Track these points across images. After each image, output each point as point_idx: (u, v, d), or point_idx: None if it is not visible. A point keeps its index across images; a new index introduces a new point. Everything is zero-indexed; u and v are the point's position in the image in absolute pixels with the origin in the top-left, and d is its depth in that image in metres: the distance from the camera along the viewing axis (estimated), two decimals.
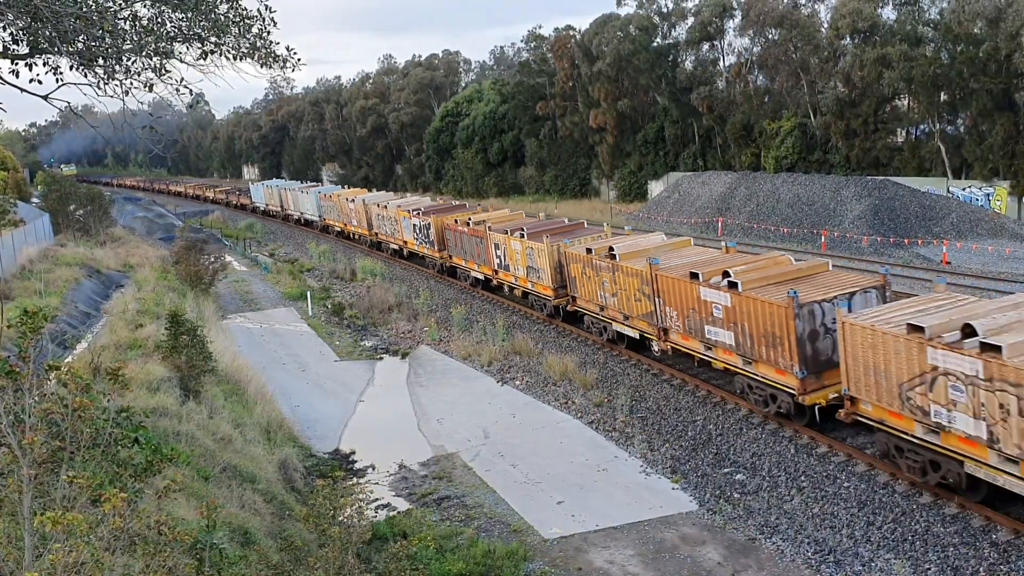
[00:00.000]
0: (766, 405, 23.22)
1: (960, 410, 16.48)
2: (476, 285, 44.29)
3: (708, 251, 29.99)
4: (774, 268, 24.29)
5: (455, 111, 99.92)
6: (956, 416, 16.62)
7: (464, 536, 19.53)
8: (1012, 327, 16.46)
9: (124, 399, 16.95)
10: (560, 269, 33.90)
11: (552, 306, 35.26)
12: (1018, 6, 45.54)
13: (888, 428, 18.70)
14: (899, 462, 18.94)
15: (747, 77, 67.87)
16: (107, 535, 8.75)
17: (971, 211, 49.68)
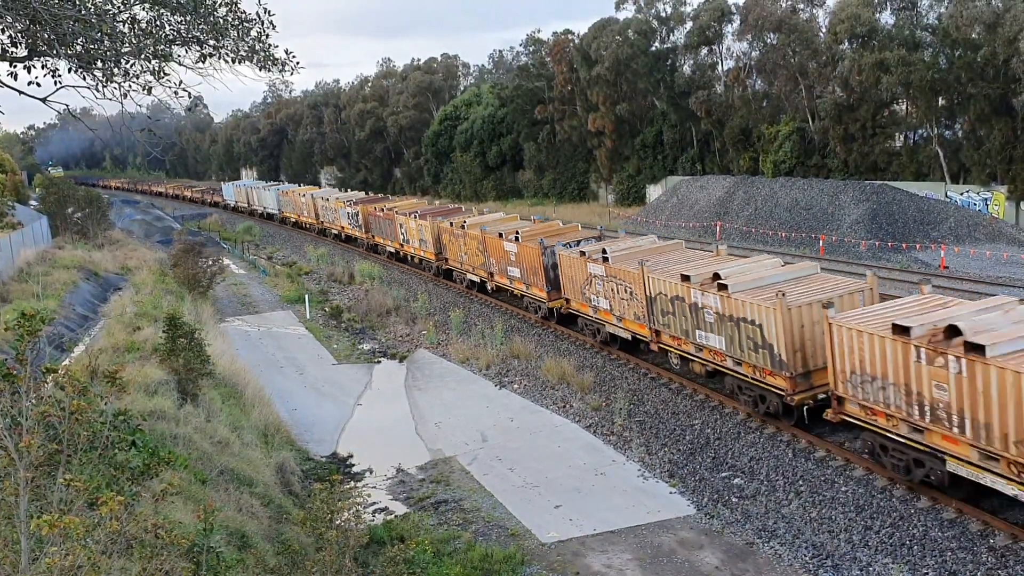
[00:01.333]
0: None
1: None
2: (391, 257, 57.52)
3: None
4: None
5: (454, 115, 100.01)
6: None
7: (461, 540, 19.51)
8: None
9: (121, 402, 16.92)
10: (438, 240, 47.97)
11: (435, 267, 49.34)
12: (1016, 11, 45.62)
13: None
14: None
15: (745, 81, 67.95)
16: (104, 538, 8.73)
17: (969, 216, 49.74)
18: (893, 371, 17.82)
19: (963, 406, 16.36)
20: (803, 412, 22.04)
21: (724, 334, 23.72)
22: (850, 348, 18.91)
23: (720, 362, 24.51)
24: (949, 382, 16.55)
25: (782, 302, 21.34)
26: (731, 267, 25.32)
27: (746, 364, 23.17)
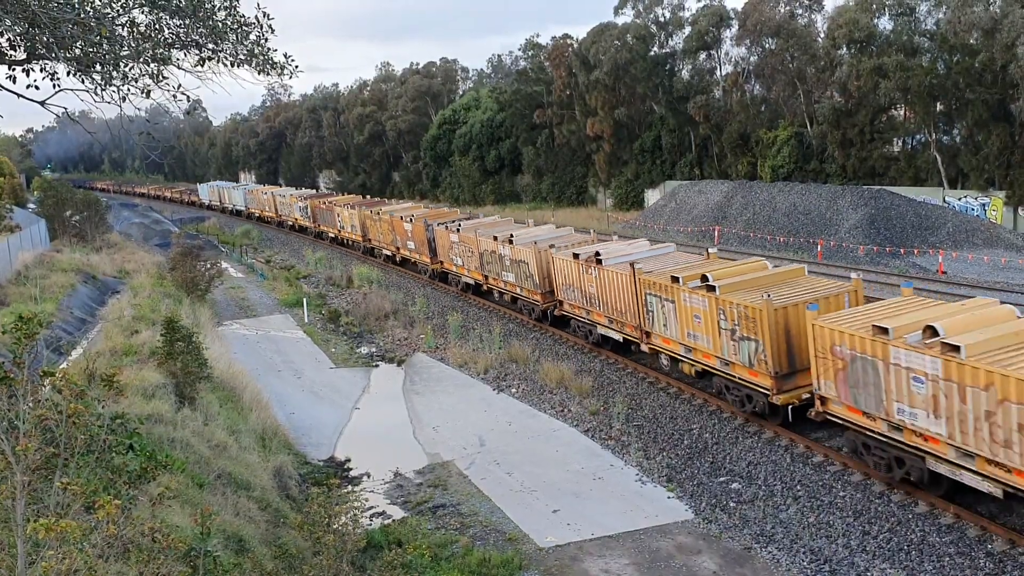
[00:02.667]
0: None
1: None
2: (333, 242, 69.47)
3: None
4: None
5: (452, 119, 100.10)
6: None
7: (459, 544, 19.49)
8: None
9: (119, 405, 16.89)
10: (364, 225, 61.14)
11: (362, 247, 62.05)
12: (1013, 17, 45.73)
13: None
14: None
15: (744, 86, 68.07)
16: (101, 542, 8.72)
17: (967, 221, 49.80)
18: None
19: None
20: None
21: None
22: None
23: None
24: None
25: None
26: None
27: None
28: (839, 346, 19.52)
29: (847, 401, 19.77)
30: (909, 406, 17.87)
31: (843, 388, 19.76)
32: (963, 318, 18.09)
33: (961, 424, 16.68)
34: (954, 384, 16.58)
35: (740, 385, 24.12)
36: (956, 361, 16.43)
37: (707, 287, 24.67)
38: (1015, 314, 18.60)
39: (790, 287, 24.01)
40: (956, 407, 16.68)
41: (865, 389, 19.06)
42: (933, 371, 16.98)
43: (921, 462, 18.12)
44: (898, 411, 18.22)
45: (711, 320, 24.53)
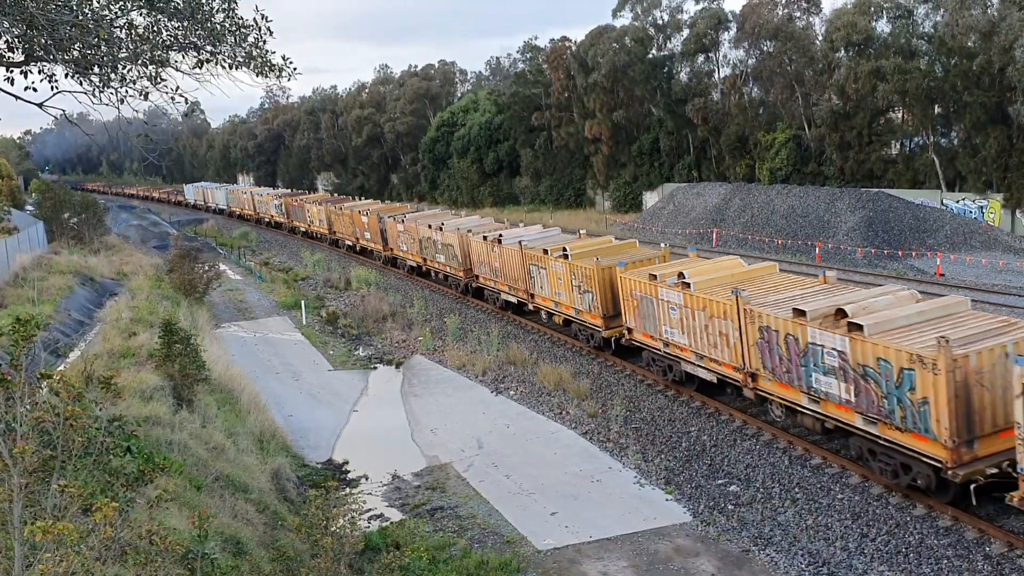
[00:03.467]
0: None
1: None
2: (306, 236, 76.08)
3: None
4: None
5: (451, 121, 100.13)
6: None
7: (457, 547, 19.47)
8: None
9: (116, 408, 16.87)
10: (329, 219, 68.47)
11: (328, 239, 69.09)
12: (1011, 20, 45.79)
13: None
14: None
15: (742, 89, 68.14)
16: (98, 545, 8.70)
17: (965, 223, 49.85)
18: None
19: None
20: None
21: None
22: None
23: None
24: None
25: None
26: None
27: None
28: (634, 291, 28.12)
29: (641, 329, 28.45)
30: (669, 327, 26.53)
31: (638, 320, 28.39)
32: (705, 269, 26.90)
33: (695, 336, 25.28)
34: (689, 309, 25.25)
35: (585, 327, 32.52)
36: (688, 293, 25.18)
37: (564, 256, 33.06)
38: (741, 265, 27.25)
39: (619, 255, 32.00)
40: (691, 325, 25.34)
41: (648, 319, 27.71)
42: (679, 302, 25.65)
43: (679, 365, 26.72)
44: (665, 332, 26.89)
45: (567, 280, 32.76)
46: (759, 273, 26.10)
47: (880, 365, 18.37)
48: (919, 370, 17.29)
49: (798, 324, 20.65)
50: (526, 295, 36.87)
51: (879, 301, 20.34)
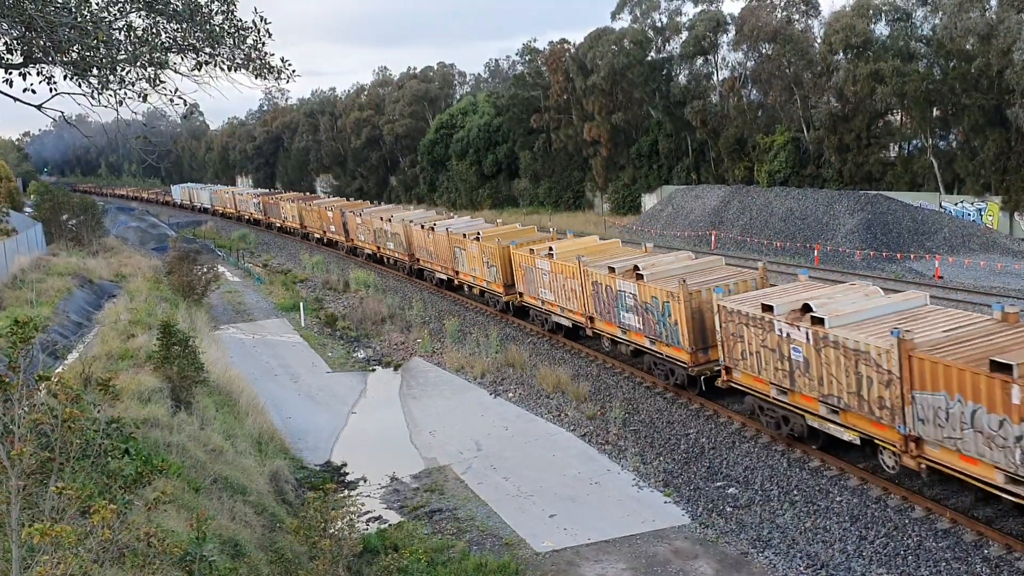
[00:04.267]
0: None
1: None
2: (282, 231, 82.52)
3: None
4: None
5: (450, 123, 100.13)
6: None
7: (455, 549, 19.46)
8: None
9: (115, 410, 16.88)
10: (301, 215, 75.66)
11: (300, 233, 76.68)
12: (1009, 23, 45.86)
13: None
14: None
15: (740, 91, 68.18)
16: (96, 547, 8.70)
17: (963, 226, 49.89)
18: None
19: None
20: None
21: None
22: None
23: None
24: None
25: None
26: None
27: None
28: (521, 263, 35.57)
29: (528, 293, 36.00)
30: (544, 289, 34.08)
31: (525, 285, 36.03)
32: (568, 243, 35.02)
33: (558, 293, 33.08)
34: (553, 273, 32.90)
35: (493, 294, 39.96)
36: (552, 260, 32.59)
37: (476, 238, 40.51)
38: (596, 240, 35.30)
39: (518, 237, 39.10)
40: (556, 285, 33.03)
41: (531, 284, 35.26)
42: (548, 268, 33.12)
43: (550, 317, 34.68)
44: (541, 293, 34.38)
45: (480, 258, 40.05)
46: (606, 247, 34.44)
47: (653, 301, 26.77)
48: (672, 302, 25.79)
49: (611, 277, 29.14)
50: (453, 272, 44.76)
51: (664, 259, 29.37)
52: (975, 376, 15.97)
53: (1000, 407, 15.52)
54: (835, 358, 19.57)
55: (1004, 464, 15.75)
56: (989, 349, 16.53)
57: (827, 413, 20.47)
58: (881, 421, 18.66)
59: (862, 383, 18.91)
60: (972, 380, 16.04)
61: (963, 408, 16.36)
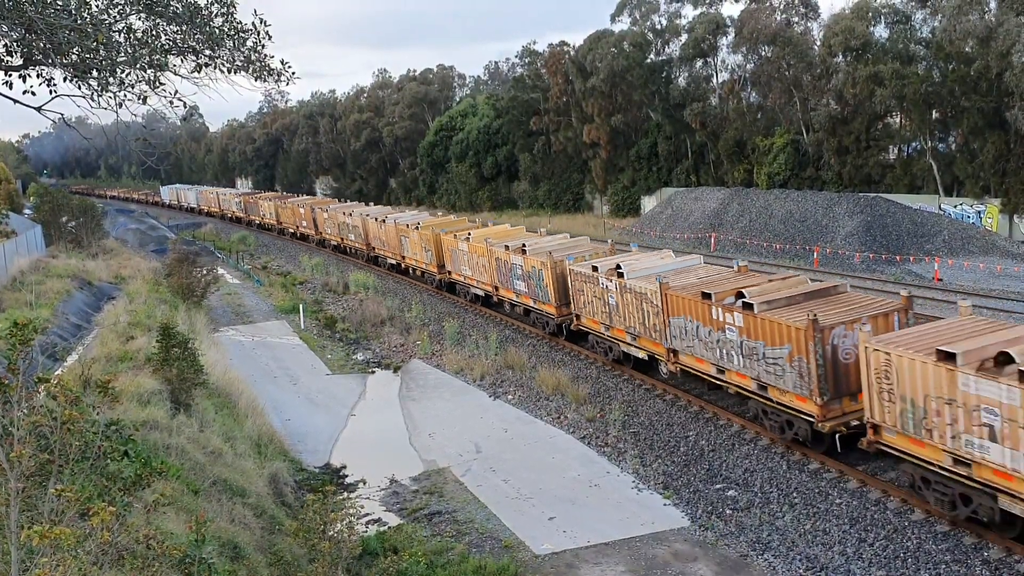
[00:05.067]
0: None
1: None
2: (259, 227, 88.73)
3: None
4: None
5: (449, 125, 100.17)
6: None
7: (455, 552, 19.45)
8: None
9: (114, 412, 16.87)
10: (278, 213, 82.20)
11: (277, 229, 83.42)
12: (1008, 25, 45.88)
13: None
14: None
15: (740, 94, 68.19)
16: (95, 549, 8.69)
17: (962, 228, 49.90)
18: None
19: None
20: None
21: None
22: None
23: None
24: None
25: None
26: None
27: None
28: (449, 247, 44.14)
29: (455, 271, 44.45)
30: (465, 267, 42.33)
31: (453, 265, 44.41)
32: (484, 230, 44.18)
33: (475, 269, 41.26)
34: (470, 254, 41.32)
35: (429, 274, 48.24)
36: (469, 243, 41.06)
37: (416, 227, 49.14)
38: (507, 227, 44.72)
39: (449, 227, 48.04)
40: (473, 263, 41.21)
41: (456, 263, 43.91)
42: (467, 250, 41.64)
43: (469, 290, 42.96)
44: (463, 270, 43.00)
45: (420, 245, 48.68)
46: (512, 232, 43.32)
47: (533, 270, 34.77)
48: (544, 270, 33.86)
49: (507, 254, 37.18)
50: (400, 257, 53.32)
51: (544, 240, 38.38)
52: (696, 303, 24.41)
53: (709, 322, 23.90)
54: (631, 300, 28.05)
55: (713, 360, 24.23)
56: (710, 287, 24.77)
57: (630, 340, 28.96)
58: (657, 341, 27.11)
59: (646, 316, 27.34)
60: (695, 306, 24.52)
61: (692, 325, 24.78)
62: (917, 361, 17.10)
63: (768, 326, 21.59)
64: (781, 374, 21.42)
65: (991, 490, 16.28)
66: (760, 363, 22.14)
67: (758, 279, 25.67)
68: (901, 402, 17.67)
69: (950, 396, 16.51)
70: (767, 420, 23.02)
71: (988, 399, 15.67)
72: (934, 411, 16.91)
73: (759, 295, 22.73)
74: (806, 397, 20.78)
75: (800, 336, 20.43)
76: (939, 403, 16.73)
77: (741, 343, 22.76)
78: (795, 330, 20.60)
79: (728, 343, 23.30)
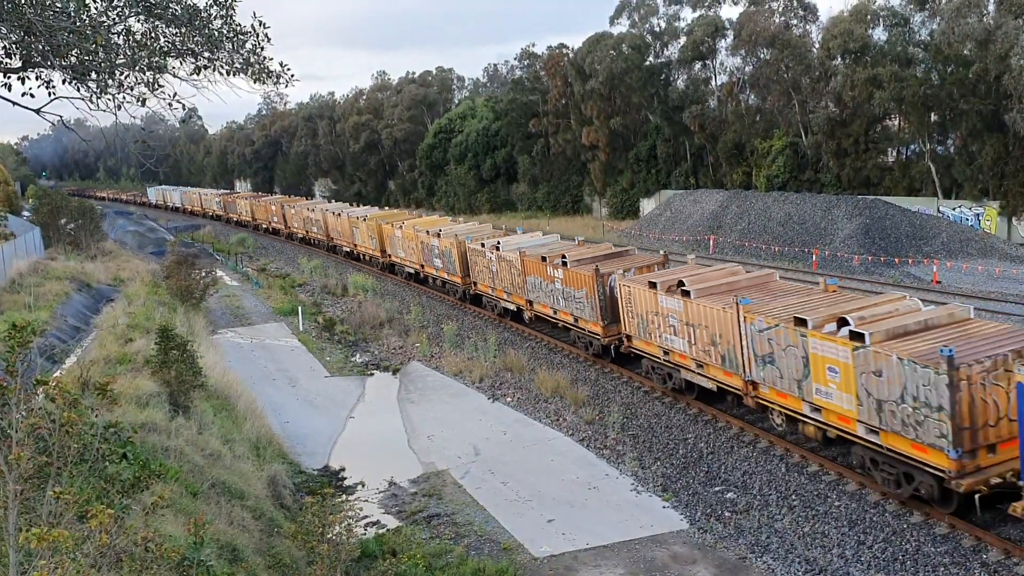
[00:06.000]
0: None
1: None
2: (237, 224, 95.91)
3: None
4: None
5: (448, 127, 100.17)
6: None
7: (454, 554, 19.43)
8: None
9: (112, 414, 16.85)
10: (253, 210, 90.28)
11: (252, 225, 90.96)
12: (1007, 28, 45.93)
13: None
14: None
15: (739, 96, 68.24)
16: (93, 552, 8.68)
17: (961, 231, 49.93)
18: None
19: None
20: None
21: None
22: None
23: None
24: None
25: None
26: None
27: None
28: (387, 235, 53.59)
29: (394, 255, 53.70)
30: (400, 250, 51.97)
31: (392, 250, 53.52)
32: (450, 227, 47.79)
33: (408, 253, 50.79)
34: (405, 239, 50.37)
35: (378, 259, 56.54)
36: (403, 230, 50.64)
37: (364, 219, 58.23)
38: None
39: (394, 219, 55.95)
40: (406, 247, 50.61)
41: (395, 248, 52.91)
42: (401, 236, 51.18)
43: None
44: (399, 253, 52.55)
45: (368, 234, 57.77)
46: (437, 221, 52.69)
47: (447, 250, 44.40)
48: (452, 249, 43.31)
49: (428, 237, 46.77)
50: (353, 245, 62.30)
51: (458, 226, 48.42)
52: (539, 265, 34.53)
53: (547, 278, 34.04)
54: (505, 267, 37.78)
55: (551, 305, 34.22)
56: (548, 254, 34.88)
57: (507, 297, 38.50)
58: (520, 296, 36.94)
59: (514, 278, 37.01)
60: (539, 267, 34.59)
61: (538, 281, 34.86)
62: (640, 289, 27.53)
63: (575, 276, 31.81)
64: (583, 308, 31.61)
65: (679, 367, 26.44)
66: (573, 302, 32.39)
67: (584, 247, 36.49)
68: (637, 317, 27.97)
69: (656, 310, 26.66)
70: (580, 343, 33.34)
71: (671, 309, 25.89)
72: (651, 321, 27.12)
73: (575, 256, 33.50)
74: (596, 322, 30.92)
75: (591, 281, 30.52)
76: (652, 315, 26.97)
77: (563, 290, 32.95)
78: (588, 277, 30.77)
79: (557, 291, 33.56)
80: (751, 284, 25.82)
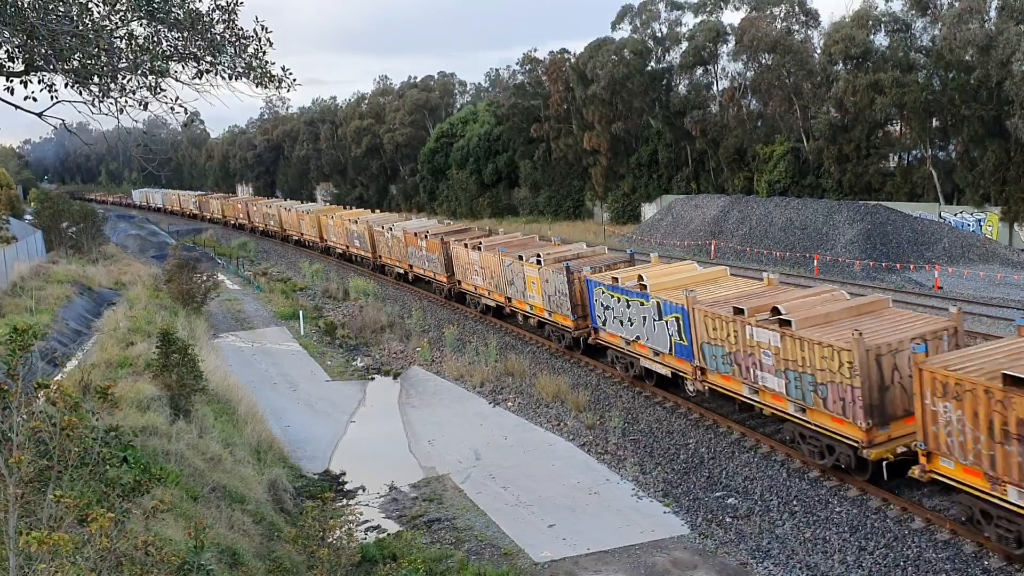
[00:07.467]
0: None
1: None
2: (210, 221, 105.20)
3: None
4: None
5: (450, 132, 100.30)
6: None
7: (454, 559, 19.40)
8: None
9: (113, 418, 16.86)
10: (223, 210, 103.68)
11: (223, 222, 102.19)
12: (1008, 34, 45.98)
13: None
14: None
15: (740, 101, 68.32)
16: (93, 556, 8.67)
17: (962, 236, 49.93)
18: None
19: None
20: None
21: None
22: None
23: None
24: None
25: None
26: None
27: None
28: (325, 224, 68.61)
29: (328, 240, 68.36)
30: (334, 237, 67.70)
31: (327, 236, 68.65)
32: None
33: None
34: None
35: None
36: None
37: (308, 213, 70.99)
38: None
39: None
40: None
41: (331, 236, 68.37)
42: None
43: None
44: (385, 254, 57.01)
45: (310, 225, 70.73)
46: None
47: (363, 235, 58.76)
48: (365, 233, 58.57)
49: (358, 226, 59.61)
50: (300, 234, 74.59)
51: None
52: (414, 238, 48.84)
53: (419, 247, 48.73)
54: (396, 243, 50.56)
55: (421, 267, 49.70)
56: (421, 232, 49.27)
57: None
58: (405, 261, 51.08)
59: (401, 250, 49.87)
60: (415, 240, 48.81)
61: (414, 250, 49.59)
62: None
63: (429, 244, 46.86)
64: (435, 268, 46.82)
65: (481, 295, 42.35)
66: (428, 263, 47.79)
67: (451, 226, 52.94)
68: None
69: (469, 260, 42.03)
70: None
71: (476, 259, 41.21)
72: (467, 268, 41.91)
73: (437, 232, 48.25)
74: (442, 274, 46.05)
75: (436, 246, 45.57)
76: (468, 264, 41.39)
77: (425, 255, 47.81)
78: (436, 244, 45.52)
79: (423, 256, 48.32)
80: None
